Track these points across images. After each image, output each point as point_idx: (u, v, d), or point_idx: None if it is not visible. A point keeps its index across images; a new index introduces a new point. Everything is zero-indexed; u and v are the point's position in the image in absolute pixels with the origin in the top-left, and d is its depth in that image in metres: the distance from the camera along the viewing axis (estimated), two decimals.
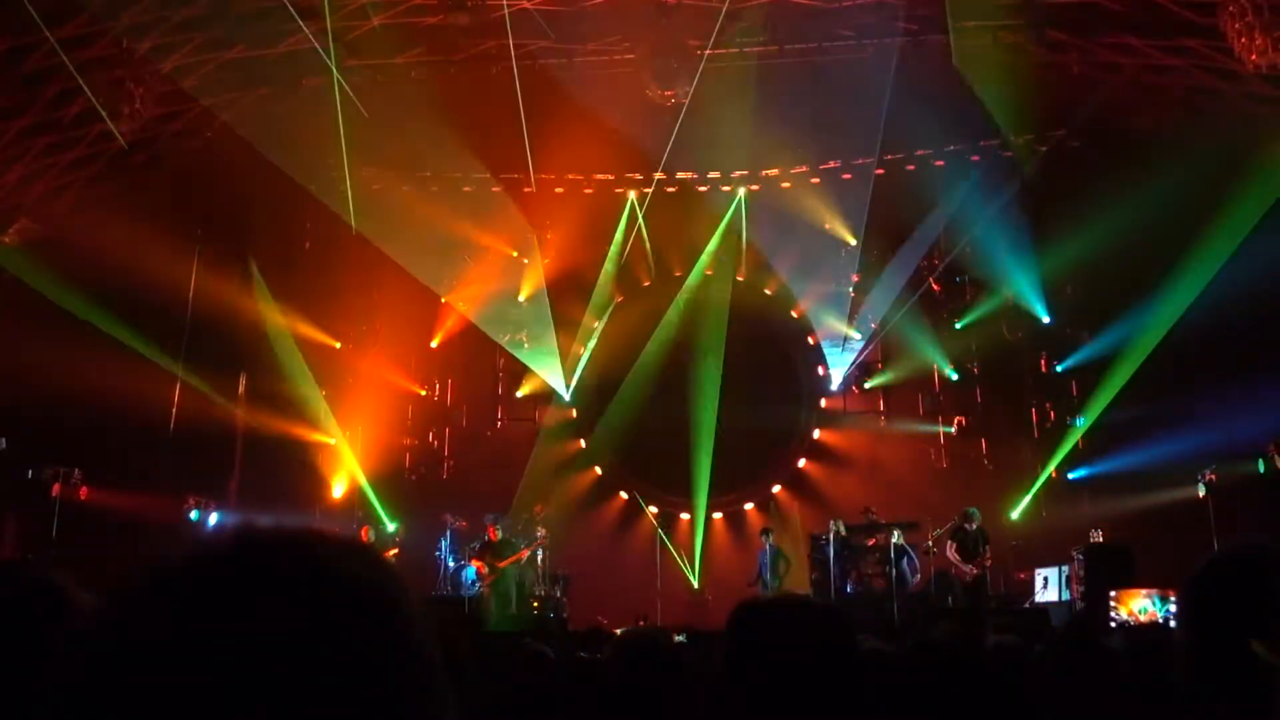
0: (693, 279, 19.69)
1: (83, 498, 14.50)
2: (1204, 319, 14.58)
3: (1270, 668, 1.21)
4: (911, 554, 15.12)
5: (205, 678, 0.63)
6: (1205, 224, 14.51)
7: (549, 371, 19.44)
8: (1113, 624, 10.22)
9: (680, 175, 19.02)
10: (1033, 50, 14.95)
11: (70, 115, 13.93)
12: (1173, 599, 10.21)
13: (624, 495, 19.06)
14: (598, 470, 19.31)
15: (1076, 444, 17.62)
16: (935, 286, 18.93)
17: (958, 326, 18.78)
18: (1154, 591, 11.50)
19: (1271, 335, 14.21)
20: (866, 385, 19.21)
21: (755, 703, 1.74)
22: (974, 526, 14.44)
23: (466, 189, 18.81)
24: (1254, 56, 11.63)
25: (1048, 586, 14.88)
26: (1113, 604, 11.18)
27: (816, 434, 19.35)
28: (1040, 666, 3.40)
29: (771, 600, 2.13)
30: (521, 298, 19.61)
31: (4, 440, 14.15)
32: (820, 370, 19.28)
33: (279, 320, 18.00)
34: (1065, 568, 14.57)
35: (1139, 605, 11.51)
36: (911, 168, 18.19)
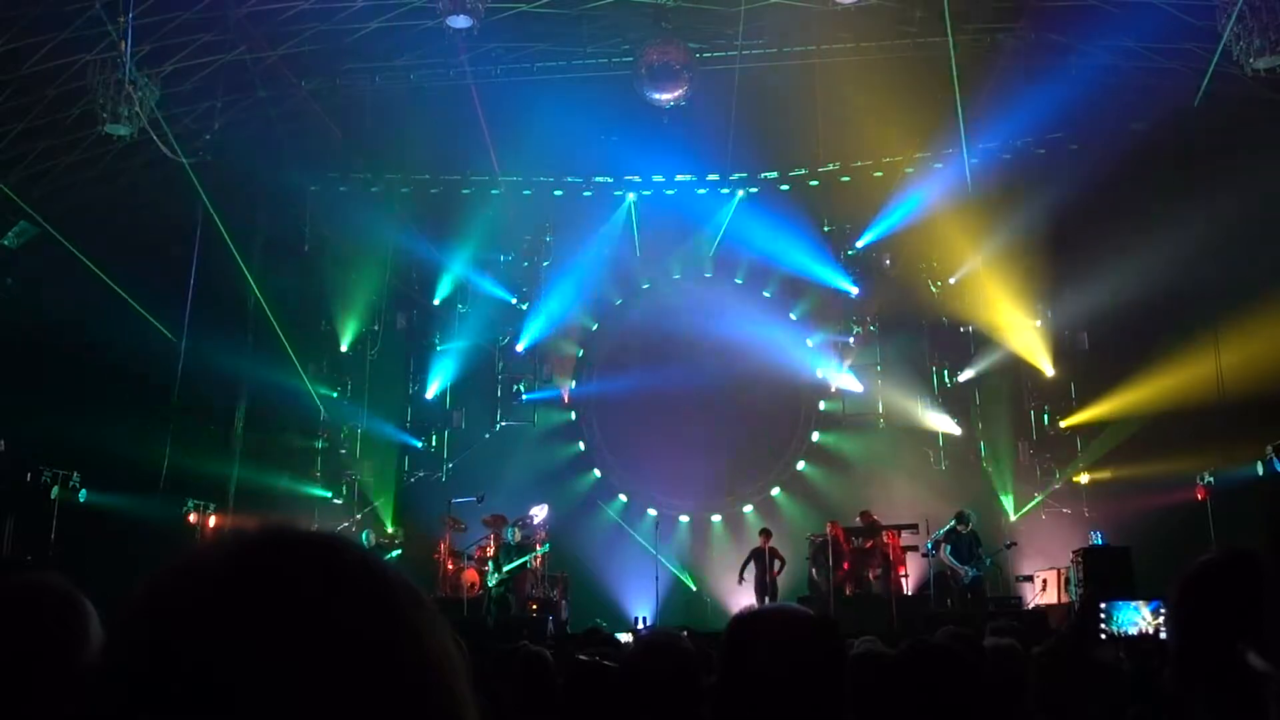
0: (691, 281, 19.69)
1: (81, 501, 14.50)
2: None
3: (1261, 674, 1.21)
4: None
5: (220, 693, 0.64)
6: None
7: (547, 373, 19.45)
8: (1103, 635, 10.22)
9: (679, 177, 19.03)
10: (1032, 53, 14.99)
11: (71, 117, 13.95)
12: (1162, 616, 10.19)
13: (623, 497, 19.07)
14: (596, 472, 19.32)
15: (1075, 446, 17.63)
16: (933, 288, 18.95)
17: (960, 330, 18.80)
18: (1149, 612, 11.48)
19: None
20: (865, 387, 19.21)
21: (750, 711, 1.76)
22: (968, 529, 14.43)
23: (466, 191, 18.83)
24: (1252, 59, 11.65)
25: (1046, 589, 14.89)
26: (1104, 615, 11.16)
27: (815, 436, 19.35)
28: (1035, 674, 3.41)
29: (767, 610, 2.16)
30: (519, 300, 19.64)
31: (2, 442, 14.14)
32: (819, 372, 19.28)
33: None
34: (1064, 570, 14.59)
35: (1129, 618, 11.50)
36: (910, 170, 18.21)
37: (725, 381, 18.29)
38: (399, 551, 16.32)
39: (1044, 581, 15.03)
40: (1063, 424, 17.82)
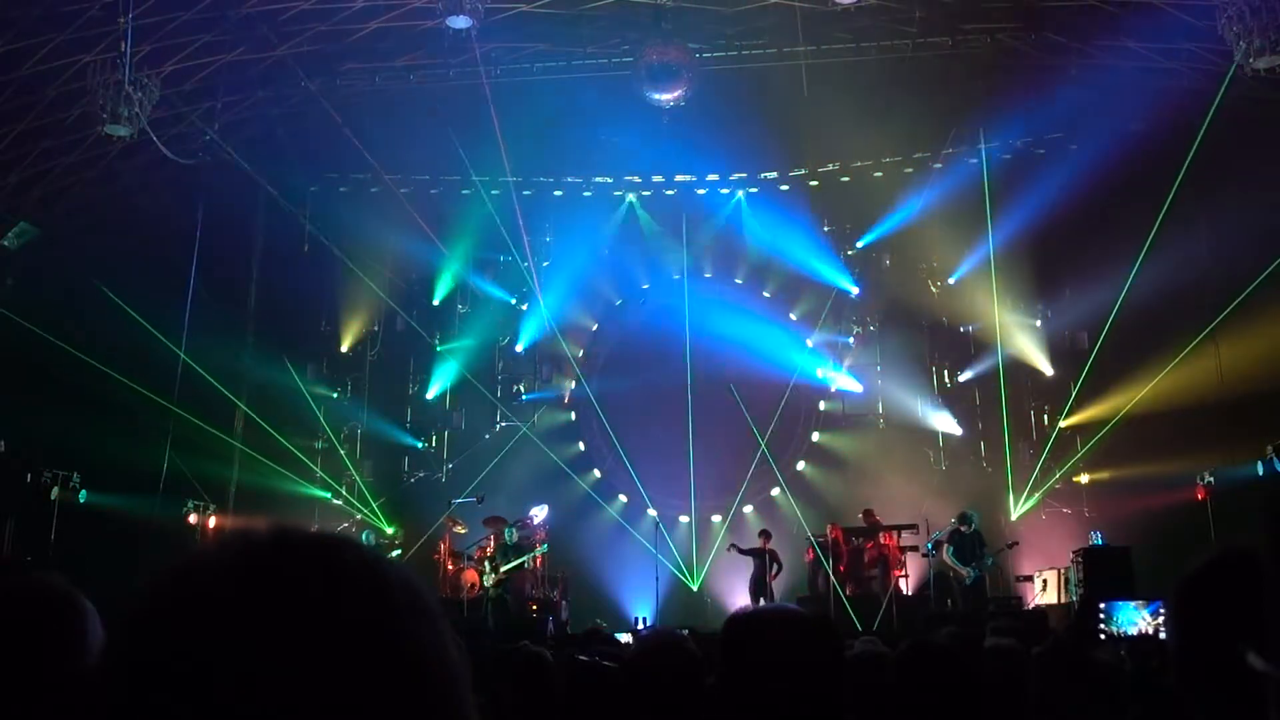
0: (691, 281, 19.70)
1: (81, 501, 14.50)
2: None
3: (1263, 675, 1.21)
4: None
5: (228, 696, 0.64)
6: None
7: (547, 373, 19.45)
8: (1103, 635, 10.21)
9: (679, 178, 19.04)
10: (1032, 54, 14.98)
11: (71, 118, 13.94)
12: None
13: (623, 497, 19.07)
14: (596, 472, 19.31)
15: (1075, 446, 17.63)
16: (933, 288, 18.96)
17: (960, 330, 18.81)
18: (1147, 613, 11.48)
19: None
20: (865, 387, 19.21)
21: (749, 712, 1.76)
22: (970, 529, 14.43)
23: (465, 191, 18.82)
24: (1252, 59, 11.65)
25: (1046, 589, 14.89)
26: (1104, 615, 11.17)
27: (815, 436, 19.35)
28: (1036, 674, 3.41)
29: (764, 611, 2.16)
30: (518, 301, 19.64)
31: (3, 443, 14.14)
32: (819, 372, 19.28)
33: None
34: (1065, 570, 14.59)
35: (1129, 618, 11.51)
36: (910, 170, 18.22)
37: (725, 381, 18.28)
38: (399, 552, 16.32)
39: (1044, 581, 15.03)
40: (1063, 424, 17.82)
